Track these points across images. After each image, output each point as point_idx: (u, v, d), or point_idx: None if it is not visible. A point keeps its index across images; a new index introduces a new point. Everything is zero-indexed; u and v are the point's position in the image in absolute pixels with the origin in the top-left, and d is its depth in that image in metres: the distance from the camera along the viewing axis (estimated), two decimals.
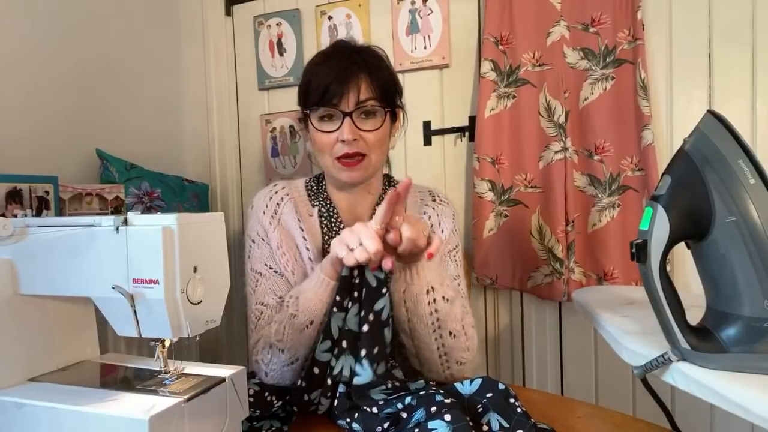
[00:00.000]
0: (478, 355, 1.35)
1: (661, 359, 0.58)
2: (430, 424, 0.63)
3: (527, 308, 1.32)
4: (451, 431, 0.62)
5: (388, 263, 0.74)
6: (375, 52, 0.92)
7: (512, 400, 0.71)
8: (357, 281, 0.77)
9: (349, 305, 0.77)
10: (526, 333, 1.32)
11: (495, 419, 0.68)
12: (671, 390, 1.12)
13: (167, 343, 0.66)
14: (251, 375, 0.88)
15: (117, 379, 0.69)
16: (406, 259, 0.79)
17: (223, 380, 0.65)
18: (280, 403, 0.79)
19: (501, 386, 0.73)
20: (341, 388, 0.77)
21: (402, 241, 0.74)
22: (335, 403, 0.77)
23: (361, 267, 0.76)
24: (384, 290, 0.76)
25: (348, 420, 0.74)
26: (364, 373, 0.75)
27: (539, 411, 0.77)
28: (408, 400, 0.71)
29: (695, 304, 0.61)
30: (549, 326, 1.30)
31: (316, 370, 0.78)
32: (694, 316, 0.59)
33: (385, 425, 0.71)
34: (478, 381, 0.75)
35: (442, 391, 0.73)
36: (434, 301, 0.81)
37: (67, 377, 0.69)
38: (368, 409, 0.73)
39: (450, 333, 0.84)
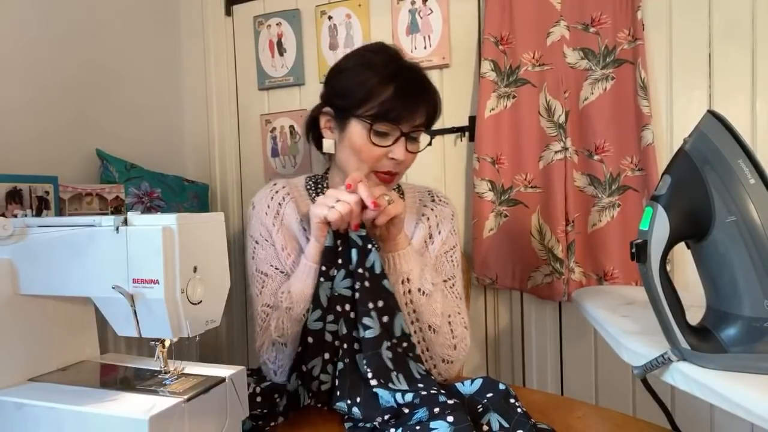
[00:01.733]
0: (477, 354, 1.35)
1: (661, 359, 0.58)
2: (432, 424, 0.64)
3: (527, 308, 1.32)
4: None
5: (369, 212, 0.79)
6: (429, 80, 0.95)
7: (512, 400, 0.71)
8: (341, 249, 0.81)
9: (335, 272, 0.81)
10: (526, 333, 1.32)
11: (495, 419, 0.69)
12: (671, 390, 1.12)
13: (167, 343, 0.67)
14: (256, 374, 0.89)
15: (117, 379, 0.69)
16: (382, 235, 0.83)
17: (223, 380, 0.65)
18: (284, 401, 0.79)
19: (501, 386, 0.73)
20: (340, 365, 0.79)
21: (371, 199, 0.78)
22: (336, 383, 0.78)
23: (343, 234, 0.81)
24: (369, 246, 0.80)
25: (348, 402, 0.75)
26: (374, 325, 0.77)
27: (539, 411, 0.77)
28: (410, 397, 0.71)
29: (695, 304, 0.61)
30: (549, 326, 1.30)
31: (310, 339, 0.81)
32: (694, 316, 0.59)
33: (386, 416, 0.71)
34: (479, 381, 0.76)
35: (444, 392, 0.73)
36: (409, 291, 0.84)
37: (67, 377, 0.69)
38: (369, 390, 0.74)
39: (429, 327, 0.85)
